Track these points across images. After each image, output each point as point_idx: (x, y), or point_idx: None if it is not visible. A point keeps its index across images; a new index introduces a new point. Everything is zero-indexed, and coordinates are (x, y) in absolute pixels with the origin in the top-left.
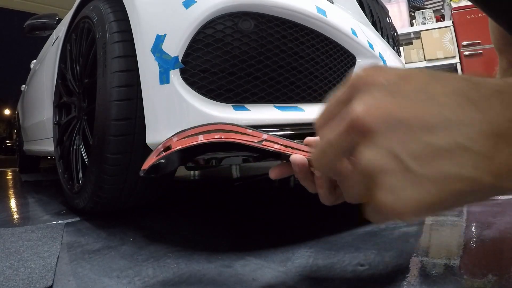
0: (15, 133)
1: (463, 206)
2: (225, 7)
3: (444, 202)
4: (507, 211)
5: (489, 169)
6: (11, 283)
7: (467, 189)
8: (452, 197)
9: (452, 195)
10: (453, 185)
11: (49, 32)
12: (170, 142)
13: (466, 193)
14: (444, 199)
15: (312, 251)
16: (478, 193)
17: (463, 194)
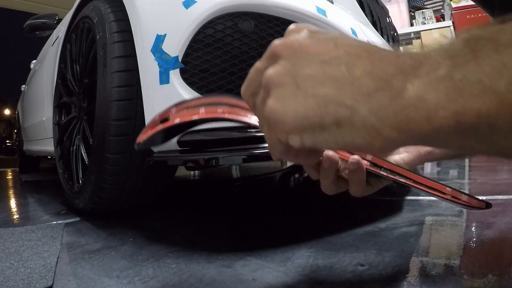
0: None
1: (342, 143)
2: (225, 7)
3: (322, 121)
4: (507, 211)
5: (366, 105)
6: (11, 283)
7: (344, 115)
8: (330, 119)
9: (330, 116)
10: (333, 107)
11: (49, 32)
12: (168, 113)
13: (344, 121)
14: (322, 118)
15: (312, 251)
16: (355, 128)
17: (341, 121)
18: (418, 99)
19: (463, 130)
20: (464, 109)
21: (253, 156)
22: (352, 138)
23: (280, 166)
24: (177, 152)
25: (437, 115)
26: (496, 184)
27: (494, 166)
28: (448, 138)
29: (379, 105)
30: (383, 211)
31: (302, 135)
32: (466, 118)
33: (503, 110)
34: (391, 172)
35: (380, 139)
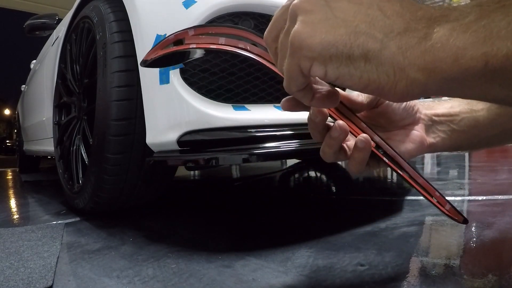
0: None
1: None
2: (225, 7)
3: (351, 52)
4: (507, 211)
5: (396, 42)
6: (11, 283)
7: (374, 48)
8: (360, 50)
9: (360, 48)
10: (364, 39)
11: (49, 32)
12: (185, 35)
13: (372, 54)
14: (351, 48)
15: (312, 251)
16: (382, 65)
17: (370, 54)
18: (447, 40)
19: (490, 73)
20: (493, 51)
21: (253, 156)
22: (377, 75)
23: (280, 166)
24: (177, 152)
25: (465, 56)
26: (496, 184)
27: (494, 166)
28: (473, 83)
29: (408, 44)
30: (383, 211)
31: (327, 64)
32: (495, 59)
33: None
34: (392, 160)
35: (404, 79)
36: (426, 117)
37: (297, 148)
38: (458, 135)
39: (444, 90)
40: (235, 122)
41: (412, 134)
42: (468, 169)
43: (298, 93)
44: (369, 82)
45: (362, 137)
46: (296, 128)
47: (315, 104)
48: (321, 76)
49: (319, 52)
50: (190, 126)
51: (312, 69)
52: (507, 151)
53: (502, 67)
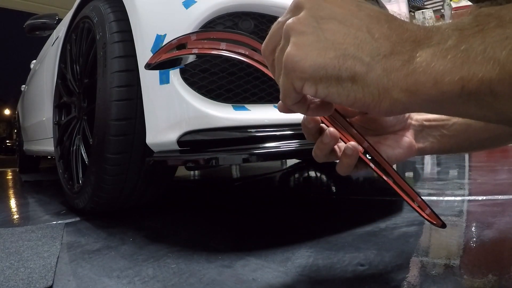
0: (15, 133)
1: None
2: (225, 7)
3: (339, 74)
4: (507, 211)
5: (381, 65)
6: (11, 283)
7: (360, 71)
8: (347, 73)
9: (348, 71)
10: (351, 62)
11: (49, 32)
12: (187, 40)
13: (359, 76)
14: (340, 70)
15: (312, 251)
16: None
17: (356, 76)
18: (428, 65)
19: (467, 95)
20: (469, 75)
21: (253, 156)
22: (363, 95)
23: (280, 166)
24: (177, 152)
25: (443, 80)
26: (496, 184)
27: (494, 166)
28: (452, 104)
29: (393, 66)
30: (383, 211)
31: (318, 84)
32: (470, 83)
33: (503, 77)
34: (379, 166)
35: (388, 99)
36: (416, 123)
37: (297, 148)
38: (448, 139)
39: (425, 109)
40: (235, 122)
41: (401, 139)
42: (468, 169)
43: (293, 106)
44: (355, 100)
45: (350, 145)
46: (296, 128)
47: (310, 114)
48: (312, 94)
49: (310, 74)
50: (190, 126)
51: (304, 88)
52: (507, 151)
53: (477, 91)
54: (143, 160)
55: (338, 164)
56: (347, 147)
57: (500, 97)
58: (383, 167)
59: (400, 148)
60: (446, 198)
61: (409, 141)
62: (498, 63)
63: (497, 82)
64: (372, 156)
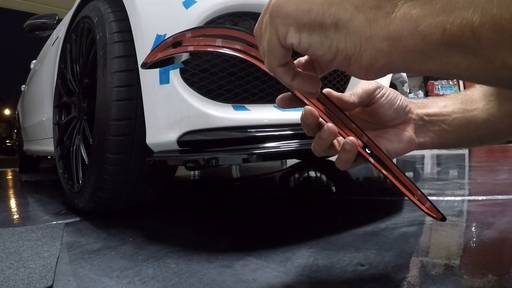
0: (15, 133)
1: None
2: (225, 7)
3: (322, 20)
4: (507, 211)
5: (365, 15)
6: (11, 283)
7: (344, 18)
8: (331, 19)
9: (331, 17)
10: (335, 8)
11: (49, 32)
12: (182, 38)
13: (342, 23)
14: (323, 16)
15: (312, 251)
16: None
17: (339, 23)
18: (409, 10)
19: (448, 40)
20: (450, 18)
21: (253, 156)
22: (345, 45)
23: (280, 166)
24: (177, 152)
25: (424, 23)
26: (496, 184)
27: (494, 166)
28: (434, 52)
29: (376, 16)
30: (383, 211)
31: (301, 32)
32: (451, 27)
33: (485, 19)
34: (378, 160)
35: (369, 49)
36: (417, 117)
37: (297, 148)
38: (448, 134)
39: (408, 62)
40: (235, 122)
41: (401, 134)
42: (468, 169)
43: (279, 70)
44: (337, 51)
45: (349, 140)
46: (296, 128)
47: (296, 84)
48: (296, 43)
49: (294, 18)
50: (190, 126)
51: (288, 36)
52: (507, 151)
53: (459, 34)
54: (143, 160)
55: (337, 159)
56: (346, 142)
57: (484, 41)
58: (383, 161)
59: (399, 142)
60: (446, 198)
61: (409, 135)
62: (480, 7)
63: (479, 25)
64: (371, 150)
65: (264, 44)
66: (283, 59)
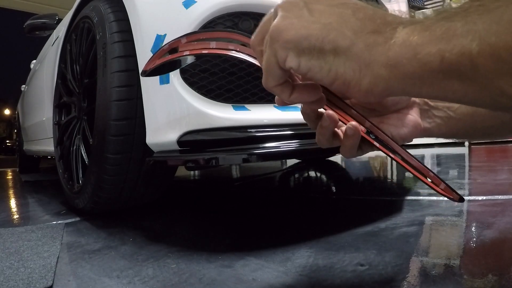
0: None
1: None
2: (225, 7)
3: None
4: (507, 211)
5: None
6: (11, 283)
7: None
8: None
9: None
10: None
11: (49, 32)
12: (178, 44)
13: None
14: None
15: (312, 251)
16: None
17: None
18: (408, 38)
19: (447, 68)
20: (448, 47)
21: (253, 156)
22: (344, 70)
23: (280, 166)
24: (177, 152)
25: (423, 51)
26: (496, 184)
27: (494, 166)
28: (432, 79)
29: (375, 42)
30: (383, 211)
31: (300, 56)
32: (450, 55)
33: (483, 48)
34: (384, 144)
35: (369, 75)
36: (421, 101)
37: (297, 148)
38: (454, 122)
39: (407, 87)
40: (235, 122)
41: (405, 118)
42: (468, 169)
43: (276, 89)
44: (336, 76)
45: (351, 125)
46: (296, 128)
47: (295, 99)
48: (295, 67)
49: (294, 44)
50: (190, 126)
51: (287, 61)
52: (507, 151)
53: (457, 63)
54: (143, 160)
55: (342, 147)
56: (348, 127)
57: (481, 69)
58: (389, 145)
59: (404, 127)
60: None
61: (414, 119)
62: (478, 35)
63: (477, 54)
64: (376, 136)
65: (263, 63)
66: (281, 79)
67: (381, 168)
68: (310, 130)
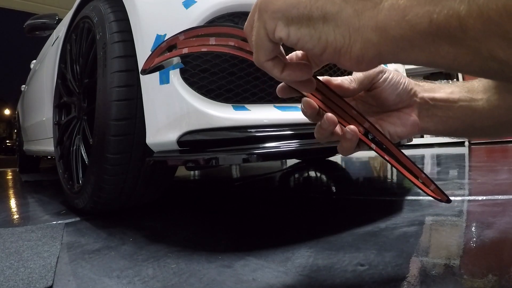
0: (15, 133)
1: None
2: (225, 7)
3: (310, 13)
4: (507, 211)
5: (353, 6)
6: (11, 283)
7: (332, 10)
8: (319, 12)
9: (319, 10)
10: (323, 1)
11: (49, 32)
12: (176, 41)
13: (330, 16)
14: (311, 9)
15: (312, 251)
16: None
17: (328, 15)
18: (395, 2)
19: (435, 30)
20: (437, 8)
21: (253, 156)
22: (334, 37)
23: (280, 166)
24: (177, 152)
25: (411, 13)
26: (496, 184)
27: (494, 166)
28: (421, 42)
29: (364, 7)
30: (383, 211)
31: (290, 26)
32: (438, 16)
33: (472, 8)
34: (380, 145)
35: (359, 40)
36: (422, 101)
37: (297, 148)
38: (452, 121)
39: (398, 52)
40: (235, 122)
41: (404, 117)
42: (468, 169)
43: (267, 64)
44: (326, 43)
45: (349, 129)
46: (296, 128)
47: (286, 76)
48: (285, 37)
49: (282, 13)
50: (190, 126)
51: (276, 31)
52: (507, 151)
53: (445, 24)
54: (143, 160)
55: (339, 146)
56: (346, 131)
57: (470, 31)
58: (386, 145)
59: (403, 126)
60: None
61: (413, 119)
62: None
63: (465, 15)
64: (373, 136)
65: (253, 39)
66: (272, 53)
67: (381, 168)
68: (310, 130)
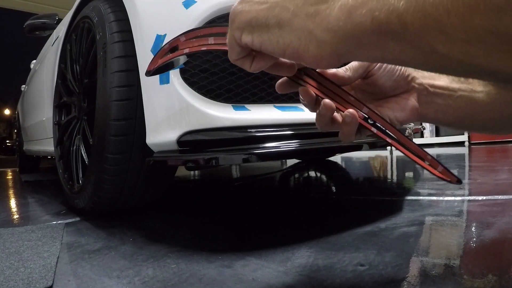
0: (15, 133)
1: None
2: (225, 7)
3: (267, 22)
4: (507, 211)
5: (304, 11)
6: (11, 283)
7: (285, 17)
8: (274, 19)
9: (274, 18)
10: (278, 10)
11: (49, 32)
12: (177, 42)
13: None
14: (268, 18)
15: (312, 251)
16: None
17: (282, 22)
18: (344, 2)
19: (379, 29)
20: (377, 6)
21: (253, 156)
22: (290, 40)
23: (280, 166)
24: (177, 152)
25: (355, 12)
26: (496, 184)
27: (494, 166)
28: (369, 39)
29: (316, 11)
30: (383, 211)
31: (253, 33)
32: (379, 15)
33: (409, 5)
34: (381, 129)
35: (314, 41)
36: (421, 87)
37: (297, 148)
38: (453, 111)
39: (351, 50)
40: (235, 122)
41: (403, 102)
42: (468, 169)
43: (238, 62)
44: (284, 45)
45: (348, 112)
46: (296, 128)
47: (254, 67)
48: (249, 43)
49: (245, 23)
50: (190, 126)
51: (242, 38)
52: (507, 151)
53: (387, 21)
54: (143, 160)
55: (340, 132)
56: (345, 115)
57: (410, 27)
58: (387, 129)
59: (402, 111)
60: (446, 198)
61: (412, 104)
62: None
63: (404, 11)
64: (374, 121)
65: (226, 41)
66: (241, 54)
67: (381, 168)
68: (310, 130)
